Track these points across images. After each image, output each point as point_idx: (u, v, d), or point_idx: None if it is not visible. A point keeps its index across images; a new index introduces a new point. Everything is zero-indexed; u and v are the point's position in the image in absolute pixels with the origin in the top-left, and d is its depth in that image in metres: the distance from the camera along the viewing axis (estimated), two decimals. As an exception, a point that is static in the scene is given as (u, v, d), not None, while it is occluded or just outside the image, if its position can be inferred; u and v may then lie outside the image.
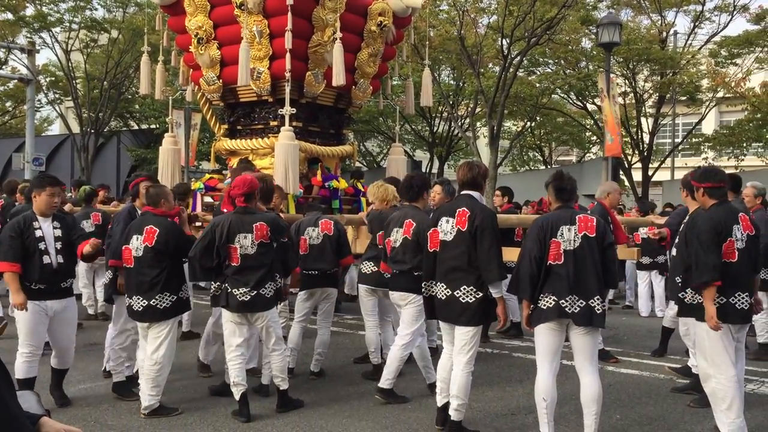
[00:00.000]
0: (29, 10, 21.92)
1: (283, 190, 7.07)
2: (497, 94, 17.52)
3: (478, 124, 22.64)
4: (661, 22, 20.91)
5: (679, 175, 23.00)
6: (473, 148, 19.32)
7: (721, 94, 22.06)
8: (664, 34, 21.05)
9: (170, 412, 5.26)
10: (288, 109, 8.15)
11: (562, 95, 23.74)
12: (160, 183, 6.79)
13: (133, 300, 5.29)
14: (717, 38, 20.80)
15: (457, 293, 4.68)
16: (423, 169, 23.35)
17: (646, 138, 21.95)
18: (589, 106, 22.83)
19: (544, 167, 29.15)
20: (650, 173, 21.91)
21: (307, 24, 8.66)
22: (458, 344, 4.75)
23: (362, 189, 9.56)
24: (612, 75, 14.76)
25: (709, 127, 26.64)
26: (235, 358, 5.23)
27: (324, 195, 8.97)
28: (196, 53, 9.14)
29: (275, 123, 8.96)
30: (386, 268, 5.78)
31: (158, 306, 5.23)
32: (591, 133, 25.88)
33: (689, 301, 4.74)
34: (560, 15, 16.60)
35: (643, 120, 21.96)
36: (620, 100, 18.58)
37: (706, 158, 23.65)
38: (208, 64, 9.11)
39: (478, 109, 20.83)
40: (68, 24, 21.96)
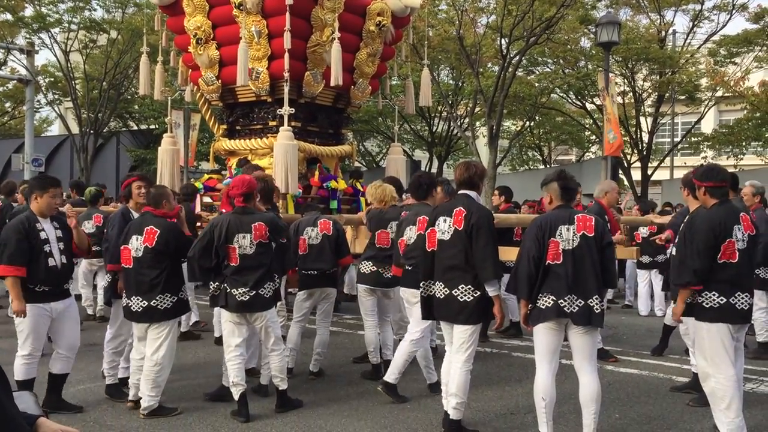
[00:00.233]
0: (28, 11, 21.92)
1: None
2: (496, 94, 17.53)
3: (477, 123, 22.65)
4: (659, 21, 20.93)
5: (678, 174, 23.03)
6: (472, 148, 19.34)
7: (720, 93, 22.07)
8: (663, 33, 21.06)
9: (169, 413, 5.26)
10: (287, 109, 8.16)
11: (561, 95, 23.75)
12: (156, 183, 6.76)
13: (132, 301, 5.26)
14: (716, 37, 20.82)
15: (455, 292, 4.69)
16: (422, 169, 23.30)
17: (646, 137, 21.96)
18: (588, 106, 22.84)
19: (544, 167, 29.16)
20: (649, 172, 21.92)
21: (306, 24, 8.67)
22: (456, 343, 4.75)
23: (361, 189, 9.56)
24: (611, 74, 14.75)
25: (708, 126, 26.64)
26: (234, 359, 5.22)
27: (322, 195, 8.98)
28: (195, 53, 9.14)
29: (274, 123, 8.96)
30: (396, 270, 5.79)
31: (159, 307, 5.22)
32: (590, 133, 25.89)
33: (688, 299, 4.73)
34: (559, 14, 16.60)
35: (642, 119, 21.97)
36: (619, 99, 18.58)
37: (705, 157, 23.65)
38: (207, 64, 9.12)
39: (477, 109, 20.84)
40: (67, 25, 21.95)
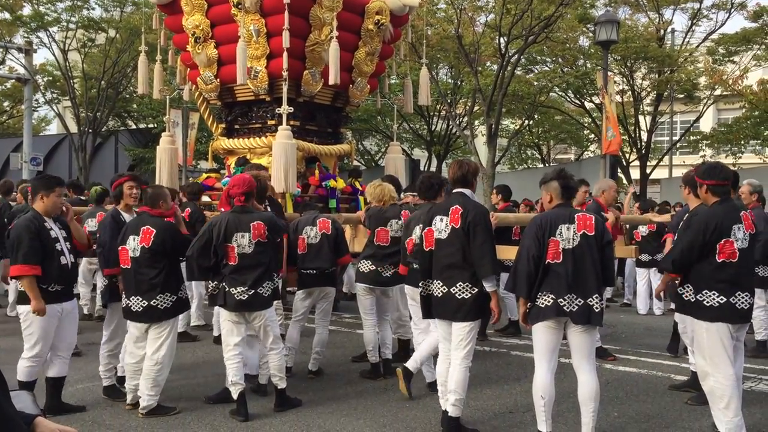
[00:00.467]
0: (26, 10, 21.90)
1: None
2: (495, 93, 17.52)
3: (476, 122, 22.64)
4: (658, 19, 20.94)
5: (677, 173, 23.07)
6: (471, 147, 19.32)
7: (718, 91, 22.10)
8: (662, 31, 21.08)
9: (168, 412, 5.26)
10: (285, 108, 8.15)
11: (560, 93, 23.75)
12: (154, 182, 6.72)
13: (131, 301, 5.25)
14: (714, 36, 20.85)
15: (453, 290, 4.70)
16: (421, 168, 23.30)
17: (644, 136, 21.97)
18: (587, 104, 22.85)
19: (542, 165, 29.16)
20: (648, 171, 21.93)
21: (305, 23, 8.65)
22: (455, 340, 4.76)
23: (360, 188, 9.56)
24: (610, 73, 14.75)
25: (706, 124, 26.66)
26: (232, 358, 5.22)
27: (321, 194, 8.97)
28: (194, 52, 9.13)
29: (273, 122, 8.95)
30: (403, 269, 5.79)
31: (159, 306, 5.22)
32: (589, 131, 25.89)
33: (687, 297, 4.72)
34: (558, 13, 16.59)
35: (641, 118, 21.98)
36: (617, 98, 18.58)
37: (704, 156, 23.67)
38: (206, 63, 9.10)
39: (476, 108, 20.84)
40: (65, 23, 21.94)
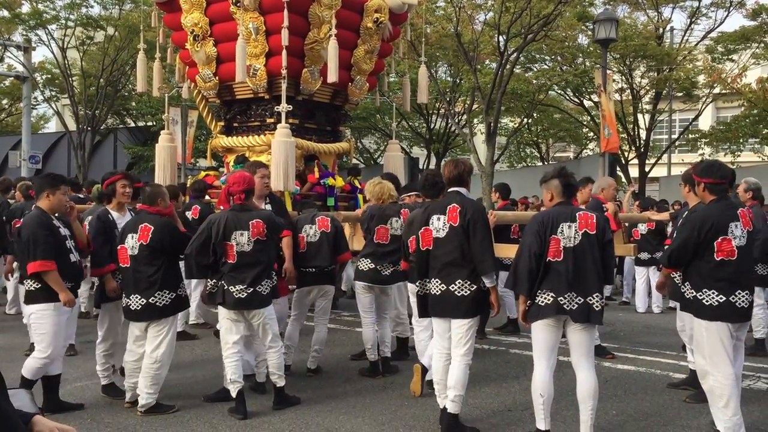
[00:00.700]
0: (25, 8, 21.89)
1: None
2: (494, 91, 17.52)
3: (475, 120, 22.63)
4: (657, 18, 20.93)
5: (676, 171, 23.08)
6: (470, 145, 19.31)
7: (717, 90, 22.11)
8: (661, 30, 21.08)
9: (167, 410, 5.26)
10: (284, 106, 8.15)
11: (559, 91, 23.76)
12: (153, 181, 6.68)
13: (131, 299, 5.25)
14: (713, 34, 20.86)
15: (452, 287, 4.71)
16: (420, 166, 23.29)
17: (643, 134, 21.97)
18: (586, 103, 22.85)
19: (541, 164, 29.16)
20: (647, 169, 21.93)
21: (303, 21, 8.65)
22: (456, 337, 4.77)
23: (359, 186, 9.55)
24: (608, 71, 14.75)
25: (705, 123, 26.66)
26: (231, 356, 5.22)
27: (319, 192, 8.97)
28: (192, 50, 9.12)
29: (272, 120, 8.95)
30: (405, 264, 5.81)
31: (157, 304, 5.21)
32: (588, 130, 25.90)
33: (688, 296, 4.71)
34: (557, 11, 16.58)
35: (639, 116, 21.98)
36: (616, 96, 18.59)
37: (703, 154, 23.68)
38: (204, 61, 9.10)
39: (475, 106, 20.83)
40: (64, 21, 21.93)
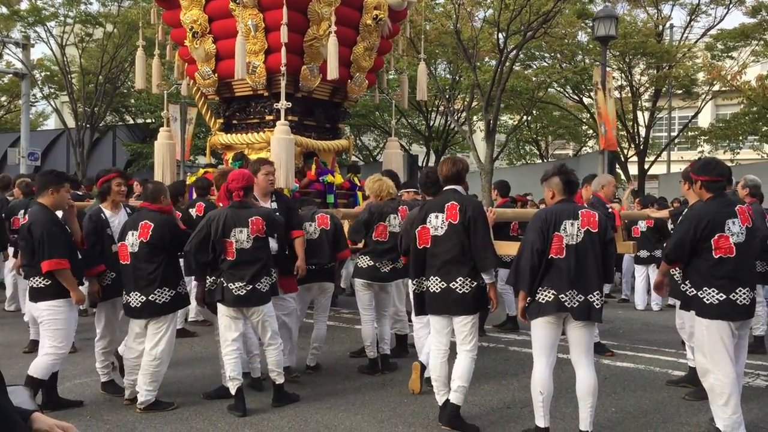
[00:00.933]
0: (24, 4, 21.87)
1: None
2: (493, 88, 17.51)
3: (475, 118, 22.61)
4: (657, 15, 20.92)
5: (675, 168, 23.07)
6: (469, 142, 19.30)
7: (717, 87, 22.10)
8: (661, 27, 21.06)
9: (166, 407, 5.26)
10: (283, 104, 8.14)
11: (559, 89, 23.75)
12: (152, 178, 6.66)
13: (130, 296, 5.25)
14: (713, 31, 20.85)
15: (453, 285, 4.73)
16: (419, 164, 23.28)
17: (643, 131, 21.97)
18: (586, 100, 22.84)
19: (541, 161, 29.16)
20: (646, 167, 21.93)
21: (303, 17, 8.64)
22: (461, 335, 4.82)
23: (358, 183, 9.54)
24: (608, 69, 14.74)
25: (705, 120, 26.66)
26: (230, 353, 5.21)
27: (318, 189, 8.96)
28: (191, 47, 9.10)
29: (271, 117, 8.94)
30: (405, 258, 5.81)
31: (157, 301, 5.21)
32: (587, 127, 25.90)
33: (689, 294, 4.70)
34: (556, 8, 16.58)
35: (639, 113, 21.98)
36: (616, 93, 18.58)
37: (702, 152, 23.69)
38: (204, 58, 9.08)
39: (474, 103, 20.81)
40: (63, 18, 21.88)
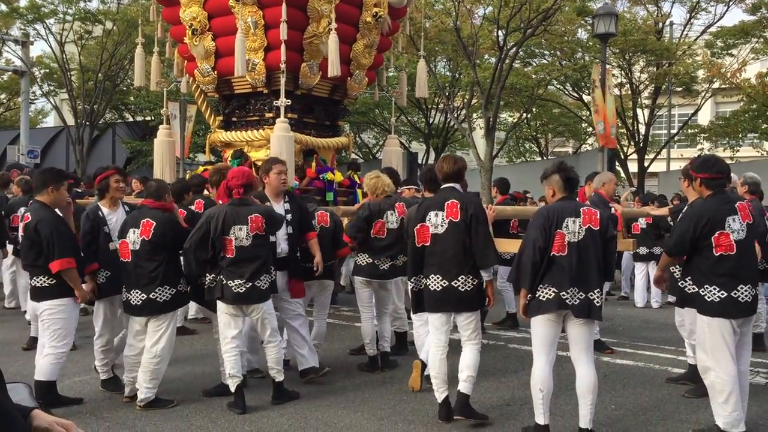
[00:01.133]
0: (23, 2, 21.81)
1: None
2: (493, 86, 17.50)
3: (474, 115, 22.61)
4: (657, 12, 20.90)
5: (675, 166, 23.07)
6: (469, 140, 19.29)
7: (716, 84, 22.09)
8: (660, 24, 21.04)
9: (166, 404, 5.26)
10: (283, 101, 8.14)
11: (558, 86, 23.73)
12: (152, 176, 6.67)
13: (131, 294, 5.25)
14: (713, 29, 20.83)
15: (455, 283, 4.75)
16: (419, 161, 23.28)
17: (642, 129, 21.96)
18: (585, 97, 22.81)
19: (541, 158, 29.14)
20: (646, 164, 21.92)
21: (302, 15, 8.62)
22: (466, 331, 4.87)
23: (358, 181, 9.54)
24: (608, 66, 14.73)
25: (704, 118, 26.65)
26: (230, 351, 5.22)
27: (318, 187, 8.96)
28: (191, 44, 9.09)
29: (270, 114, 8.93)
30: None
31: (158, 299, 5.21)
32: (587, 125, 25.89)
33: (689, 291, 4.70)
34: (556, 6, 16.55)
35: (639, 111, 21.97)
36: (615, 91, 18.58)
37: (702, 149, 23.68)
38: (203, 55, 9.07)
39: (474, 101, 20.79)
40: (62, 15, 21.86)
